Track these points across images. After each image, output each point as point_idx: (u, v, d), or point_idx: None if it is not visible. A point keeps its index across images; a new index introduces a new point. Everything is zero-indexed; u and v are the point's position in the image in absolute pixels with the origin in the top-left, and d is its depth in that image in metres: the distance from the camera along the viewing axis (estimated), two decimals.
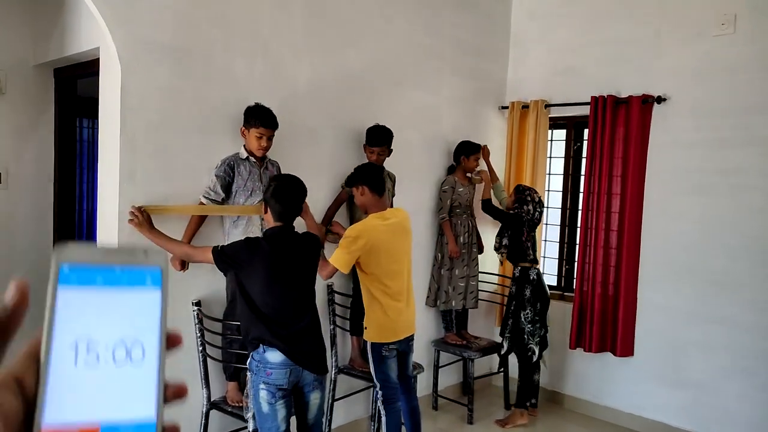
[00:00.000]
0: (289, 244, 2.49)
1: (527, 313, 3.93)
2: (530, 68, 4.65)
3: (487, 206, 4.11)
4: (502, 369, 4.32)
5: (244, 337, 2.52)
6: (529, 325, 3.93)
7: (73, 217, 3.57)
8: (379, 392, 3.02)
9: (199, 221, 2.75)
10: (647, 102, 3.96)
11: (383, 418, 3.02)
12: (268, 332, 2.41)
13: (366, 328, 2.97)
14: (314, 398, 2.59)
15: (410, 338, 3.09)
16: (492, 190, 4.27)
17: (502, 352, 4.08)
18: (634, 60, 4.09)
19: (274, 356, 2.42)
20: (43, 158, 3.39)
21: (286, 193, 2.48)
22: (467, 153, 4.06)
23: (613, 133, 4.07)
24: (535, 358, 3.93)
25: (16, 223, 3.30)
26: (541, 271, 4.15)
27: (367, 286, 2.92)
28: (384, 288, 2.90)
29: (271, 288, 2.43)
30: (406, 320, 3.01)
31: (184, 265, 2.69)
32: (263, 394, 2.47)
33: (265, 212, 2.52)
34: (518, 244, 3.99)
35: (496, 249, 4.16)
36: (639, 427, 4.03)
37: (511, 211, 4.03)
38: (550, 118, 4.50)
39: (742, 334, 3.63)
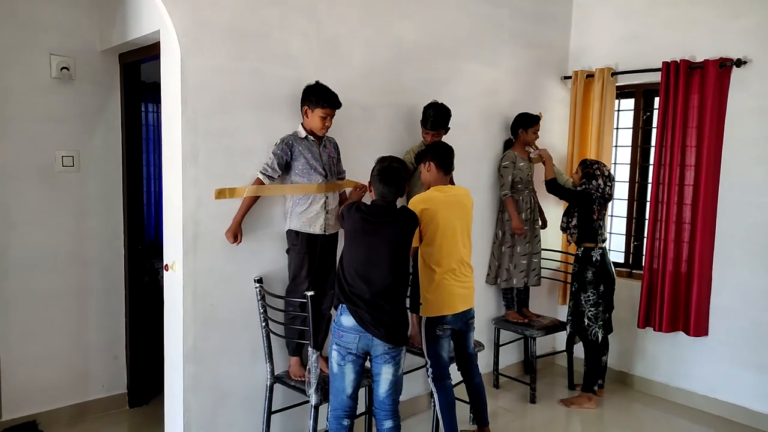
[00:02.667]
0: (380, 214, 2.61)
1: (588, 296, 3.75)
2: (594, 34, 4.42)
3: (553, 186, 3.88)
4: (564, 350, 4.21)
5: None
6: (592, 309, 3.75)
7: (141, 197, 3.70)
8: (429, 369, 3.01)
9: (253, 199, 2.79)
10: (725, 66, 3.69)
11: (435, 395, 3.01)
12: (343, 292, 2.57)
13: (421, 304, 2.95)
14: (386, 372, 2.61)
15: (468, 315, 3.05)
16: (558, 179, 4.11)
17: (567, 334, 3.97)
18: (709, 21, 3.80)
19: (348, 321, 2.55)
20: (112, 142, 3.52)
21: (388, 176, 2.63)
22: (525, 126, 3.92)
23: (686, 101, 3.82)
24: (599, 342, 3.78)
25: (88, 204, 3.46)
26: (607, 249, 3.93)
27: (423, 256, 2.92)
28: (438, 259, 2.88)
29: (355, 250, 2.59)
30: (462, 294, 2.97)
31: (236, 237, 2.74)
32: (334, 354, 2.60)
33: (370, 190, 2.72)
34: (589, 224, 3.75)
35: (564, 229, 3.93)
36: (716, 410, 3.85)
37: (578, 188, 3.83)
38: (617, 87, 4.27)
39: None
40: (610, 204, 4.00)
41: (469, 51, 3.82)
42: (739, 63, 3.65)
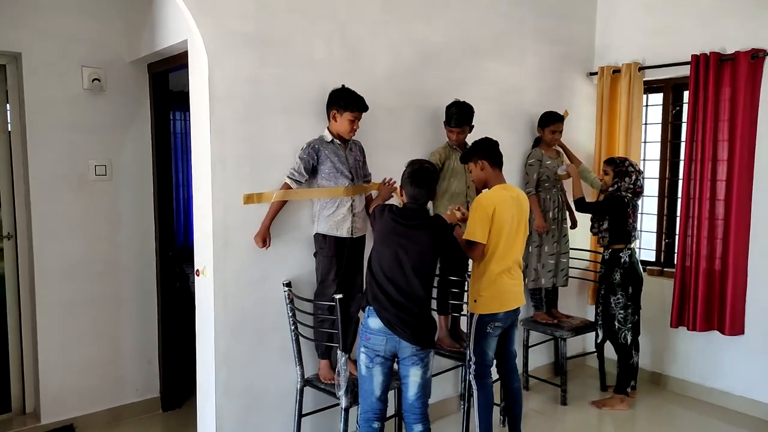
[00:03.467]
0: (411, 217, 2.61)
1: (618, 299, 3.68)
2: (620, 29, 4.35)
3: (581, 205, 3.78)
4: (594, 351, 4.14)
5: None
6: (621, 311, 3.67)
7: (171, 204, 3.77)
8: (473, 366, 3.00)
9: (281, 204, 2.81)
10: (757, 57, 3.60)
11: (475, 393, 3.00)
12: (371, 294, 2.58)
13: (475, 301, 2.94)
14: (414, 374, 2.60)
15: (517, 312, 3.06)
16: (580, 175, 4.02)
17: (598, 341, 3.90)
18: (739, 11, 3.71)
19: (375, 323, 2.56)
20: (142, 151, 3.59)
21: (420, 178, 2.63)
22: (543, 125, 3.88)
23: (717, 94, 3.73)
24: (628, 344, 3.71)
25: (120, 212, 3.53)
26: (637, 248, 3.84)
27: (484, 254, 2.90)
28: (499, 258, 2.89)
29: (384, 251, 2.59)
30: (516, 292, 2.99)
31: (265, 242, 2.76)
32: (362, 357, 2.61)
33: (401, 194, 2.73)
34: (622, 227, 3.64)
35: (594, 233, 3.82)
36: (753, 411, 3.75)
37: (610, 189, 3.71)
38: (645, 82, 4.20)
39: None
40: (640, 200, 3.90)
41: (493, 50, 3.80)
42: None
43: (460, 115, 3.29)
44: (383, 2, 3.20)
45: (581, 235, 4.34)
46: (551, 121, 3.86)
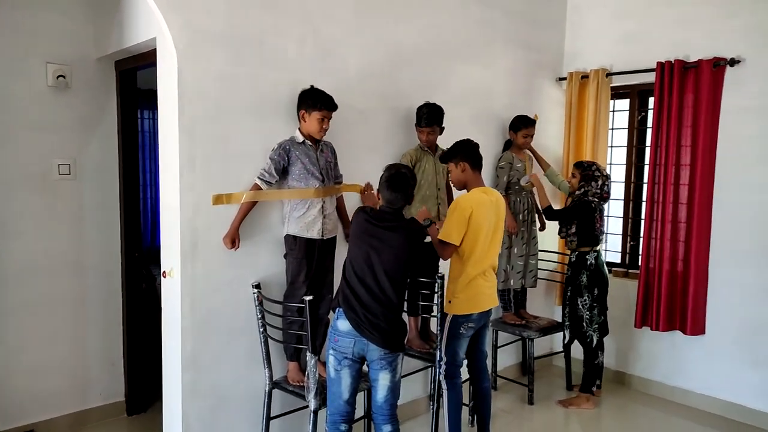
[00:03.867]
0: (384, 218, 2.62)
1: (584, 300, 3.76)
2: (589, 35, 4.44)
3: (550, 213, 3.86)
4: (562, 351, 4.23)
5: None
6: (587, 312, 3.77)
7: (138, 204, 3.70)
8: (443, 366, 3.02)
9: (251, 205, 2.79)
10: (719, 65, 3.71)
11: (444, 393, 3.02)
12: (342, 294, 2.59)
13: (450, 302, 2.96)
14: (383, 378, 2.60)
15: (490, 313, 3.09)
16: (548, 178, 4.13)
17: (565, 342, 3.97)
18: (703, 20, 3.83)
19: (343, 325, 2.56)
20: (108, 149, 3.52)
21: (396, 182, 2.63)
22: (514, 128, 3.93)
23: (681, 101, 3.84)
24: (594, 344, 3.79)
25: (85, 211, 3.45)
26: (602, 251, 3.94)
27: (461, 256, 2.92)
28: (475, 261, 2.90)
29: (355, 252, 2.60)
30: (489, 294, 3.02)
31: (234, 243, 2.74)
32: (331, 359, 2.61)
33: (378, 198, 2.75)
34: (590, 231, 3.73)
35: (563, 236, 3.90)
36: (714, 408, 3.86)
37: (577, 192, 3.79)
38: (612, 88, 4.30)
39: None
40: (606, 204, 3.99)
41: (465, 53, 3.84)
42: (733, 62, 3.67)
43: (430, 115, 3.31)
44: (356, 3, 3.20)
45: (549, 237, 4.41)
46: (523, 125, 3.91)
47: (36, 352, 3.33)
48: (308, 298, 2.67)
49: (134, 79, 3.54)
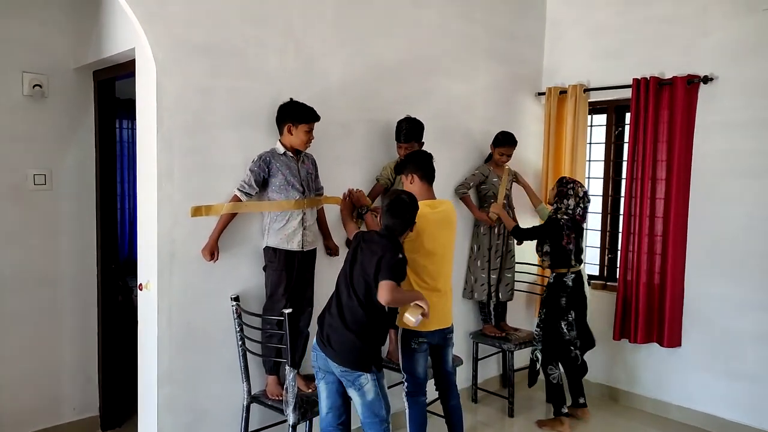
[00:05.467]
0: (374, 240, 2.60)
1: (566, 323, 3.70)
2: (567, 52, 4.51)
3: (518, 233, 3.80)
4: (531, 384, 3.92)
5: None
6: (572, 333, 3.71)
7: (115, 215, 3.64)
8: (405, 383, 2.99)
9: (231, 216, 2.77)
10: (693, 82, 3.80)
11: (407, 411, 2.98)
12: (323, 309, 2.65)
13: (398, 313, 2.93)
14: (354, 396, 2.59)
15: (446, 331, 3.01)
16: (538, 214, 4.15)
17: (537, 368, 3.78)
18: (678, 39, 3.92)
19: (316, 337, 2.64)
20: (85, 160, 3.47)
21: (394, 208, 2.63)
22: (495, 144, 3.96)
23: (656, 116, 3.92)
24: (579, 362, 3.77)
25: (61, 222, 3.40)
26: (583, 270, 3.84)
27: (411, 270, 2.87)
28: (419, 276, 2.87)
29: (341, 272, 2.65)
30: (440, 312, 2.93)
31: (213, 255, 2.71)
32: (315, 372, 2.68)
33: (378, 219, 2.82)
34: (559, 249, 3.68)
35: (539, 255, 3.85)
36: (691, 420, 3.90)
37: (551, 206, 3.79)
38: (590, 103, 4.37)
39: None
40: (584, 225, 3.94)
41: (445, 68, 3.87)
42: (706, 80, 3.76)
43: (409, 130, 3.33)
44: (337, 17, 3.22)
45: (529, 251, 4.44)
46: (502, 143, 3.93)
47: (9, 366, 3.25)
48: (288, 310, 2.65)
49: (113, 89, 3.51)
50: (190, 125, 2.65)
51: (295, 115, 2.81)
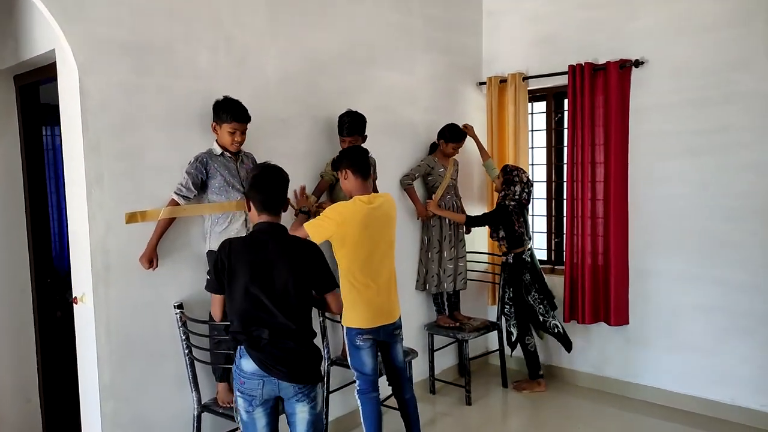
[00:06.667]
0: (274, 243, 2.28)
1: (534, 295, 4.00)
2: (505, 40, 4.56)
3: (471, 222, 4.06)
4: (497, 349, 4.33)
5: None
6: (541, 306, 4.01)
7: (48, 227, 3.46)
8: (356, 381, 2.96)
9: (169, 221, 2.66)
10: (625, 67, 3.90)
11: (360, 408, 2.95)
12: (245, 334, 2.23)
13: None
14: (301, 411, 2.29)
15: (392, 327, 2.96)
16: (486, 169, 4.29)
17: (513, 339, 4.07)
18: (609, 24, 4.02)
19: (248, 365, 2.24)
20: (10, 170, 3.29)
21: (265, 182, 2.31)
22: (446, 139, 3.97)
23: (592, 102, 4.01)
24: (562, 331, 4.05)
25: None
26: (533, 247, 4.19)
27: (343, 269, 2.85)
28: (358, 272, 2.83)
29: (249, 290, 2.23)
30: (382, 308, 2.89)
31: (152, 263, 2.61)
32: (240, 401, 2.30)
33: (249, 209, 2.36)
34: (512, 233, 4.00)
35: (495, 240, 4.14)
36: (639, 395, 4.02)
37: (500, 195, 4.01)
38: (529, 91, 4.43)
39: (738, 294, 3.60)
40: (530, 206, 4.18)
41: (385, 59, 3.85)
42: (638, 63, 3.87)
43: (351, 124, 3.29)
44: (270, 10, 3.14)
45: (478, 239, 4.49)
46: (455, 139, 3.95)
47: None
48: None
49: (37, 94, 3.33)
50: (118, 127, 2.54)
51: (219, 113, 2.72)
